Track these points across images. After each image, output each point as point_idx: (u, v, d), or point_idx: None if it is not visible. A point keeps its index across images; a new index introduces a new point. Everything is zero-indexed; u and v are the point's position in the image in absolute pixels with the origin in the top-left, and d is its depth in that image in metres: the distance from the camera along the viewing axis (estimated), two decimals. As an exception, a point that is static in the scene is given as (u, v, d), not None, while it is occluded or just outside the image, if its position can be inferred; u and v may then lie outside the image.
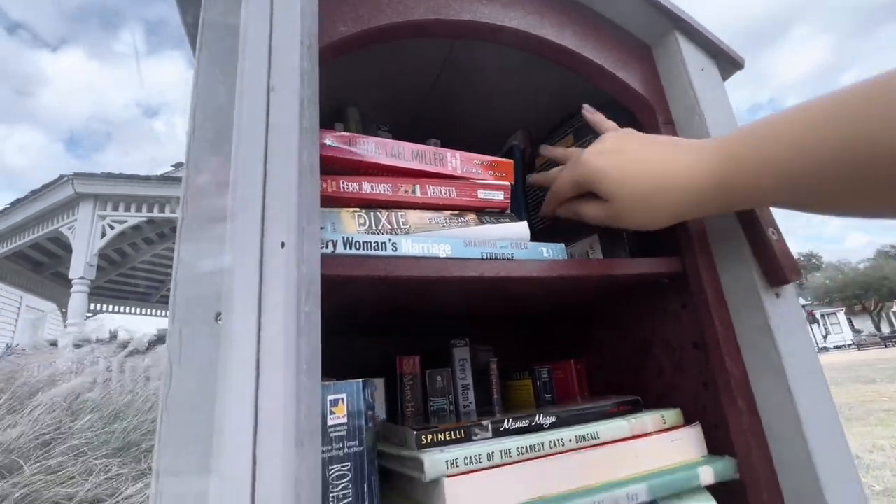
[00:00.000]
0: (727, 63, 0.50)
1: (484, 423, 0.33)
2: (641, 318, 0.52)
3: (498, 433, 0.33)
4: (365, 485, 0.29)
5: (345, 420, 0.30)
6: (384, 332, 0.62)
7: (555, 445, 0.35)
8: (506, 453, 0.33)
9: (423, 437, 0.31)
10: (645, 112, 0.49)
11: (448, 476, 0.30)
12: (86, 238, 4.56)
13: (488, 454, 0.32)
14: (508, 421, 0.34)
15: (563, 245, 0.43)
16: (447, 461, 0.31)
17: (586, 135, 0.54)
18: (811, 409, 0.36)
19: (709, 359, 0.42)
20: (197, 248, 0.25)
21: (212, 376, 0.21)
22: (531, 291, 0.44)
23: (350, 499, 0.29)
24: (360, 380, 0.32)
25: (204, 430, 0.21)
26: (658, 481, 0.35)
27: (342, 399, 0.30)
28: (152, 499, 0.21)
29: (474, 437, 0.32)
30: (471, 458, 0.31)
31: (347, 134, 0.40)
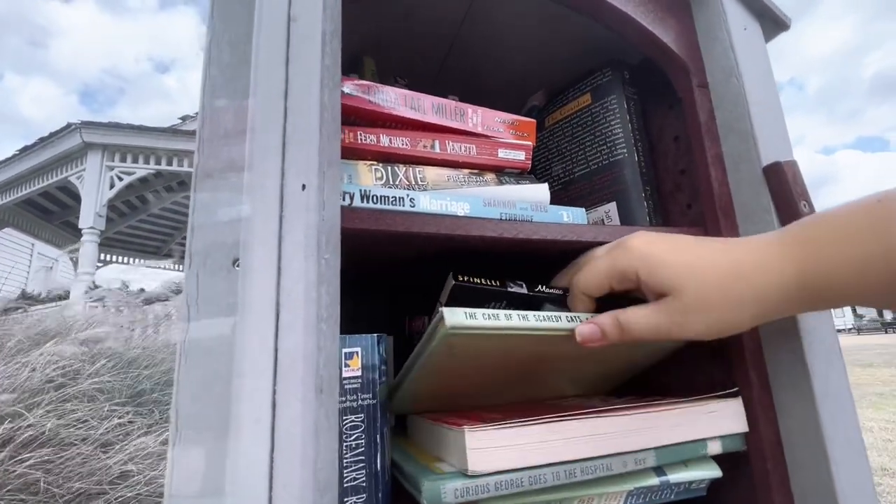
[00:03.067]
0: (771, 23, 0.47)
1: (518, 281, 0.37)
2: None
3: (532, 291, 0.37)
4: (377, 436, 0.30)
5: (359, 373, 0.30)
6: (393, 292, 0.62)
7: (572, 320, 0.33)
8: (523, 317, 0.31)
9: (460, 276, 0.34)
10: (678, 73, 0.46)
11: (464, 330, 0.29)
12: (94, 188, 4.57)
13: (506, 314, 0.31)
14: (542, 286, 0.38)
15: (583, 210, 0.42)
16: (465, 312, 0.29)
17: (607, 94, 0.51)
18: (826, 385, 0.36)
19: (724, 331, 0.41)
20: (213, 196, 0.24)
21: (230, 321, 0.21)
22: (548, 256, 0.43)
23: (363, 448, 0.29)
24: (375, 334, 0.31)
25: (222, 374, 0.21)
26: (666, 450, 0.35)
27: (357, 352, 0.30)
28: (171, 439, 0.21)
29: (510, 289, 0.36)
30: (489, 314, 0.30)
31: (366, 82, 0.38)
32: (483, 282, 0.35)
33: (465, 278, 0.34)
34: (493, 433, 0.30)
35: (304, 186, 0.21)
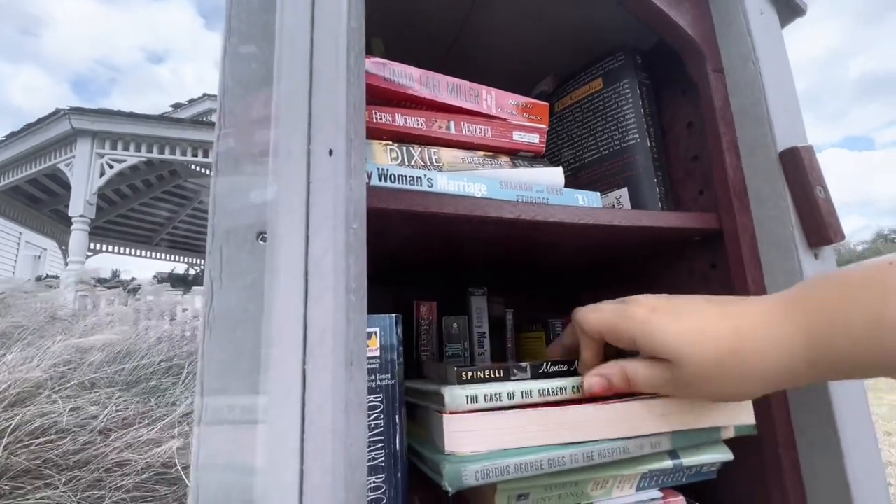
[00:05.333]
0: (787, 8, 0.47)
1: (524, 364, 0.33)
2: (664, 278, 0.51)
3: (537, 375, 0.33)
4: (396, 416, 0.29)
5: (378, 353, 0.30)
6: (401, 278, 0.61)
7: (577, 391, 0.34)
8: (526, 394, 0.32)
9: (462, 374, 0.31)
10: (694, 57, 0.46)
11: (466, 412, 0.30)
12: (84, 176, 4.49)
13: (509, 393, 0.31)
14: (548, 365, 0.34)
15: (597, 193, 0.42)
16: (467, 396, 0.30)
17: (619, 80, 0.51)
18: (838, 370, 0.36)
19: (735, 317, 0.42)
20: (235, 168, 0.24)
21: (255, 294, 0.21)
22: (562, 239, 0.43)
23: (382, 428, 0.29)
24: (393, 315, 0.31)
25: (248, 348, 0.20)
26: (680, 434, 0.35)
27: (375, 332, 0.30)
28: (196, 416, 0.21)
29: (513, 378, 0.32)
30: (491, 395, 0.31)
31: (381, 59, 0.37)
32: (485, 374, 0.32)
33: (468, 374, 0.32)
34: (472, 419, 0.30)
35: (331, 152, 0.20)
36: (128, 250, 7.72)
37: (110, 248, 7.43)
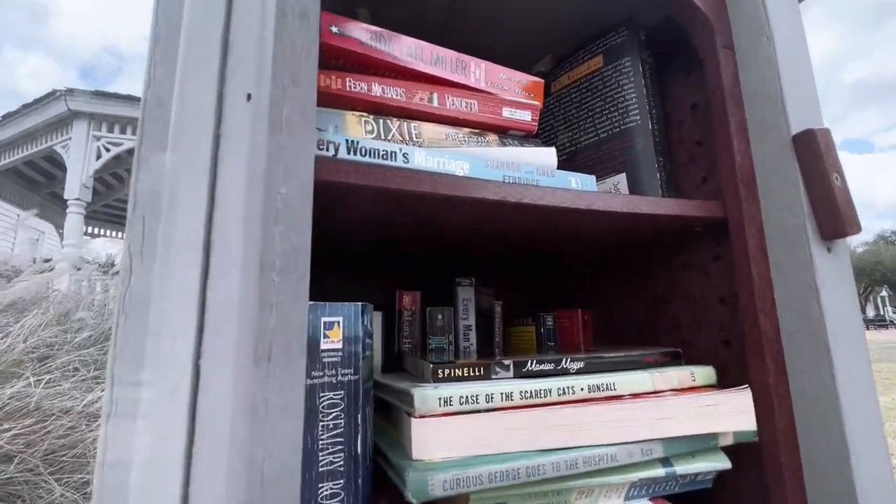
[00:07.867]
0: (805, -19, 0.43)
1: (506, 362, 0.30)
2: (660, 270, 0.48)
3: (520, 374, 0.30)
4: (359, 416, 0.26)
5: (340, 345, 0.26)
6: (385, 267, 0.58)
7: (563, 393, 0.31)
8: (507, 396, 0.29)
9: (439, 371, 0.28)
10: (702, 32, 0.42)
11: (437, 415, 0.27)
12: (81, 158, 4.43)
13: (487, 395, 0.29)
14: (532, 362, 0.31)
15: (593, 177, 0.39)
16: (440, 398, 0.27)
17: (620, 57, 0.47)
18: (849, 374, 0.33)
19: (737, 315, 0.38)
20: (162, 118, 0.20)
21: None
22: (552, 225, 0.40)
23: (342, 429, 0.26)
24: (360, 303, 0.28)
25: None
26: (674, 441, 0.32)
27: (338, 322, 0.27)
28: (105, 406, 0.17)
29: (494, 377, 0.29)
30: (466, 397, 0.28)
31: (357, 22, 0.34)
32: (464, 372, 0.30)
33: (445, 372, 0.29)
34: (444, 424, 0.27)
35: (248, 97, 0.16)
36: (124, 235, 7.66)
37: (108, 232, 7.38)
